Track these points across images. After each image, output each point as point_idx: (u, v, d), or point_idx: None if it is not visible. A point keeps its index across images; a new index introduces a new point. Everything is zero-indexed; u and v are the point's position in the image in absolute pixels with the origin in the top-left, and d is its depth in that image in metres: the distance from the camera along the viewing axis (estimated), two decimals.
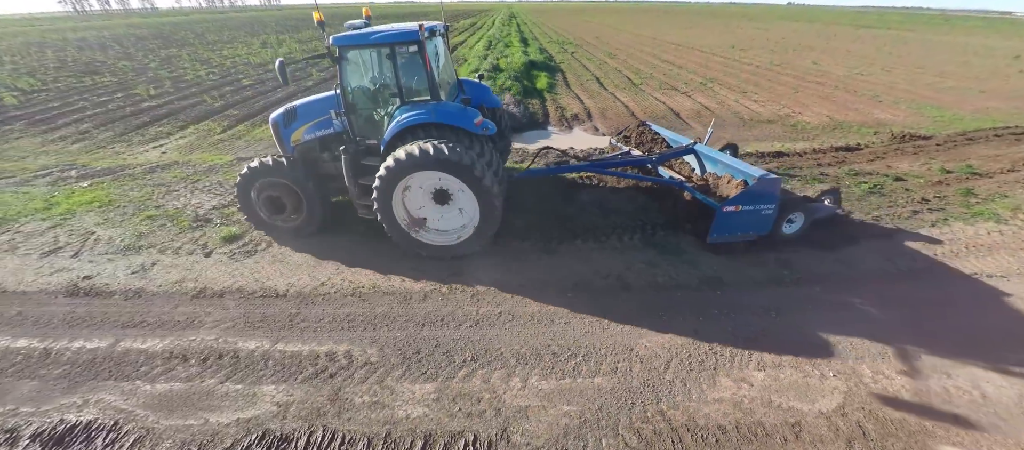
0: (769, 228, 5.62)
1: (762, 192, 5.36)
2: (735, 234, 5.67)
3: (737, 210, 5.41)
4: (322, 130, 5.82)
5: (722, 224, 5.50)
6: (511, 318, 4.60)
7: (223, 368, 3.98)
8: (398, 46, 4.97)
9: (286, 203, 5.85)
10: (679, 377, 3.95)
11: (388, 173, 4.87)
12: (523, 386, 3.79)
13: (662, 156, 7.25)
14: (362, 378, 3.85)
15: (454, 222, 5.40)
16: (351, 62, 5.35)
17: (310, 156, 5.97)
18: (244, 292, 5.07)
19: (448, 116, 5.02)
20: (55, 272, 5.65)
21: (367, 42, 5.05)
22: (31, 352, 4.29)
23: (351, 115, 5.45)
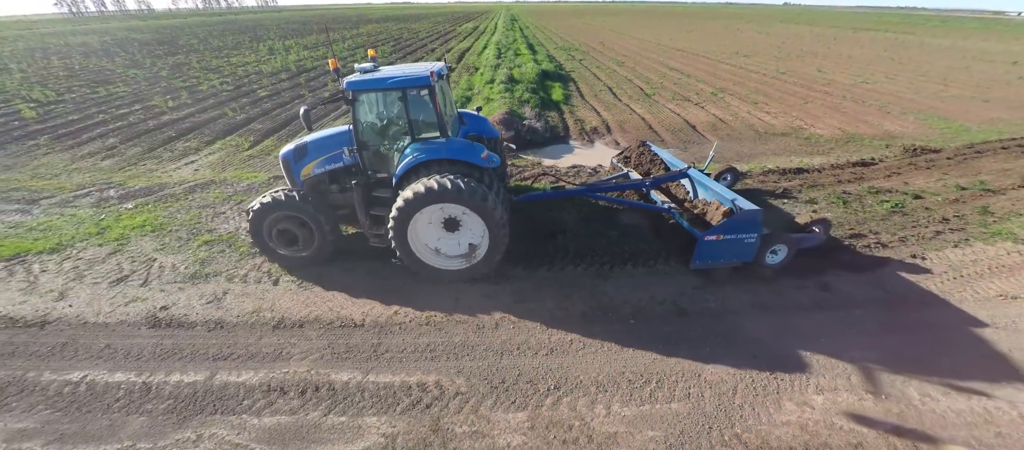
0: (752, 256, 5.81)
1: (743, 223, 5.59)
2: (718, 261, 5.89)
3: (718, 239, 5.64)
4: (332, 164, 6.20)
5: (704, 252, 5.75)
6: (582, 346, 4.91)
7: (323, 400, 4.25)
8: (409, 90, 5.45)
9: (298, 235, 6.11)
10: (747, 402, 4.28)
11: (406, 205, 5.29)
12: (607, 413, 4.11)
13: (656, 180, 7.52)
14: (457, 408, 4.15)
15: (463, 249, 5.84)
16: (363, 103, 5.86)
17: (320, 189, 6.39)
18: (322, 322, 5.34)
19: (458, 152, 5.52)
20: (130, 302, 5.88)
21: (381, 87, 5.50)
22: (131, 386, 4.53)
23: (363, 151, 5.91)
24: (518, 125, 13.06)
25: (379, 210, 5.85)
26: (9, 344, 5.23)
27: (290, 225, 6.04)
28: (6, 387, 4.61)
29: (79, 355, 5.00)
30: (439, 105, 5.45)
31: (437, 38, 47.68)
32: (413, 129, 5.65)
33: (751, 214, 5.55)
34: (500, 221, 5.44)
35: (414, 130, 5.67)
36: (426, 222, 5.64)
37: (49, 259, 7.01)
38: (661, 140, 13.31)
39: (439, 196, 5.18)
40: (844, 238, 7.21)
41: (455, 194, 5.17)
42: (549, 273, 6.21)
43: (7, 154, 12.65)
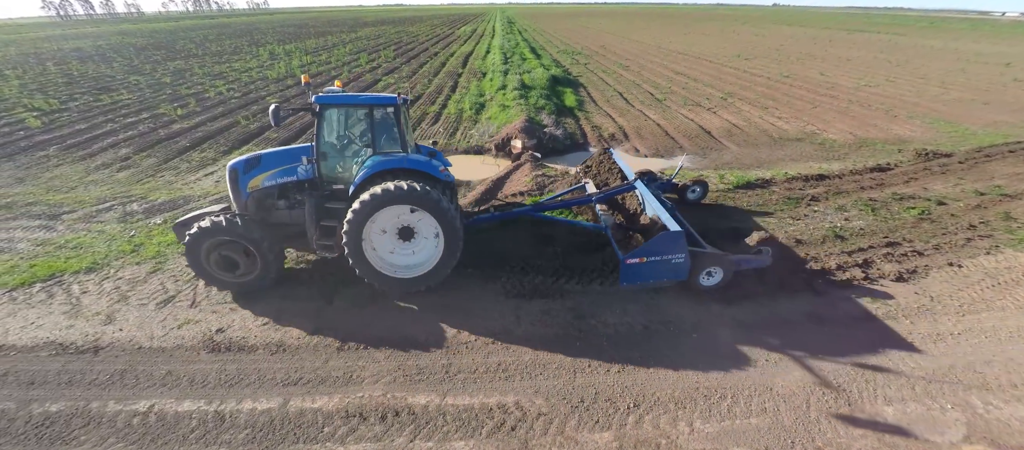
0: (686, 275, 5.71)
1: (666, 244, 5.48)
2: (648, 281, 5.78)
3: (641, 261, 5.51)
4: (284, 177, 6.27)
5: (629, 274, 5.61)
6: (651, 361, 4.96)
7: (405, 425, 4.24)
8: (376, 108, 5.84)
9: (239, 261, 5.96)
10: (822, 415, 4.36)
11: (362, 207, 5.40)
12: (691, 430, 4.16)
13: (603, 194, 7.51)
14: (542, 429, 4.17)
15: (417, 257, 5.99)
16: (328, 118, 6.09)
17: (265, 203, 6.34)
18: (387, 342, 5.30)
19: (417, 163, 5.78)
20: (182, 325, 5.80)
21: (348, 103, 5.94)
22: (203, 416, 4.45)
23: (322, 162, 6.13)
24: (539, 133, 13.12)
25: (331, 221, 5.95)
26: (64, 372, 5.12)
27: (229, 251, 5.88)
28: (70, 419, 4.51)
29: (141, 383, 4.92)
30: (403, 124, 5.84)
31: (437, 41, 47.59)
32: (376, 145, 5.96)
33: (673, 236, 5.46)
34: (456, 227, 5.63)
35: (376, 146, 5.97)
36: (380, 230, 5.80)
37: (87, 280, 6.88)
38: (680, 147, 13.47)
39: (397, 198, 5.33)
40: (880, 246, 7.38)
41: (413, 196, 5.34)
42: (602, 287, 6.26)
43: (17, 166, 12.38)
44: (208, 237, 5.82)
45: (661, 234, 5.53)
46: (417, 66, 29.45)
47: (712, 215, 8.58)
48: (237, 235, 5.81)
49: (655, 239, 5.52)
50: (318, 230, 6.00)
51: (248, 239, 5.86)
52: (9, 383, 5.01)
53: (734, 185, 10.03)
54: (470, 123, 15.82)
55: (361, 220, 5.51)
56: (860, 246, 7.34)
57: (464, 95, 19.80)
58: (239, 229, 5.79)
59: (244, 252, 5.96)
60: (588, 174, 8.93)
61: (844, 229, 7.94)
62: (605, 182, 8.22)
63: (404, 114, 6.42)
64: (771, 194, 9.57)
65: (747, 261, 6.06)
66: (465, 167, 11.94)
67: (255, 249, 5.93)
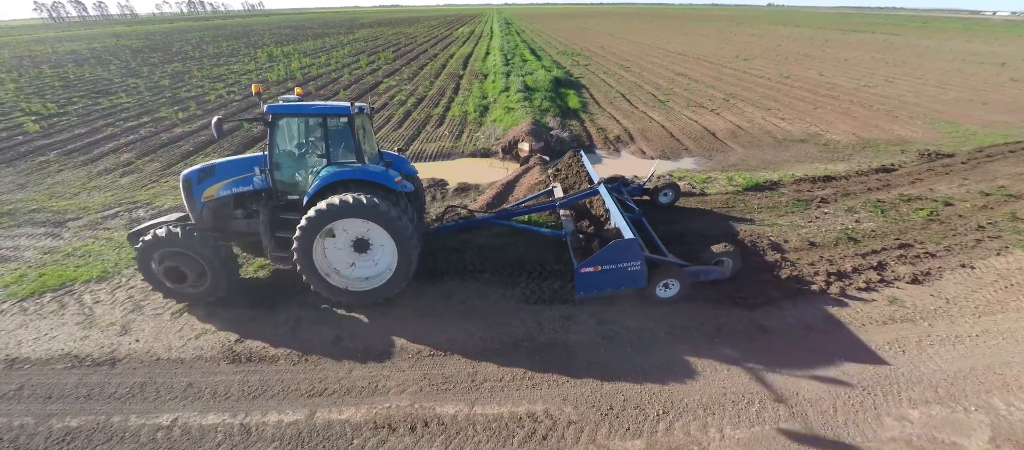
0: (645, 282, 5.55)
1: (619, 252, 5.34)
2: (605, 290, 5.59)
3: (596, 270, 5.38)
4: (239, 187, 6.20)
5: (584, 283, 5.48)
6: (677, 367, 4.97)
7: (436, 436, 4.21)
8: (330, 117, 5.72)
9: (187, 273, 5.88)
10: (850, 420, 4.39)
11: (311, 221, 5.36)
12: (722, 436, 4.17)
13: (567, 199, 7.47)
14: (574, 438, 4.16)
15: (372, 269, 5.91)
16: (282, 128, 6.02)
17: (222, 213, 6.23)
18: (409, 351, 5.28)
19: (372, 174, 5.67)
20: (200, 335, 5.73)
21: (301, 112, 5.80)
22: (229, 429, 4.40)
23: (276, 173, 6.04)
24: (545, 136, 13.12)
25: (286, 233, 5.84)
26: (82, 385, 5.04)
27: (176, 262, 5.79)
28: (92, 434, 4.44)
29: (162, 396, 4.85)
30: (358, 134, 5.72)
31: (436, 42, 47.53)
32: (330, 155, 5.85)
33: (626, 243, 5.36)
34: (409, 240, 5.58)
35: (331, 156, 5.87)
36: (335, 243, 5.71)
37: (99, 289, 6.79)
38: (684, 148, 13.52)
39: (349, 210, 5.29)
40: (892, 248, 7.43)
41: (364, 209, 5.30)
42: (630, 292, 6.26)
43: (17, 172, 12.22)
44: (156, 248, 5.76)
45: (614, 242, 5.36)
46: (417, 68, 29.38)
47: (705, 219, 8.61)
48: (182, 246, 5.70)
49: (608, 247, 5.33)
50: (273, 241, 5.92)
51: (194, 251, 5.73)
52: (26, 397, 4.93)
53: (743, 187, 10.08)
54: (475, 126, 15.79)
55: (311, 233, 5.44)
56: (873, 248, 7.40)
57: (467, 97, 19.78)
58: (182, 240, 5.67)
59: (192, 264, 5.83)
60: (557, 178, 8.82)
61: (856, 231, 8.00)
62: (573, 186, 8.10)
63: (364, 123, 6.39)
64: (781, 196, 9.63)
65: (706, 272, 5.95)
66: (473, 170, 11.93)
67: (202, 261, 5.81)
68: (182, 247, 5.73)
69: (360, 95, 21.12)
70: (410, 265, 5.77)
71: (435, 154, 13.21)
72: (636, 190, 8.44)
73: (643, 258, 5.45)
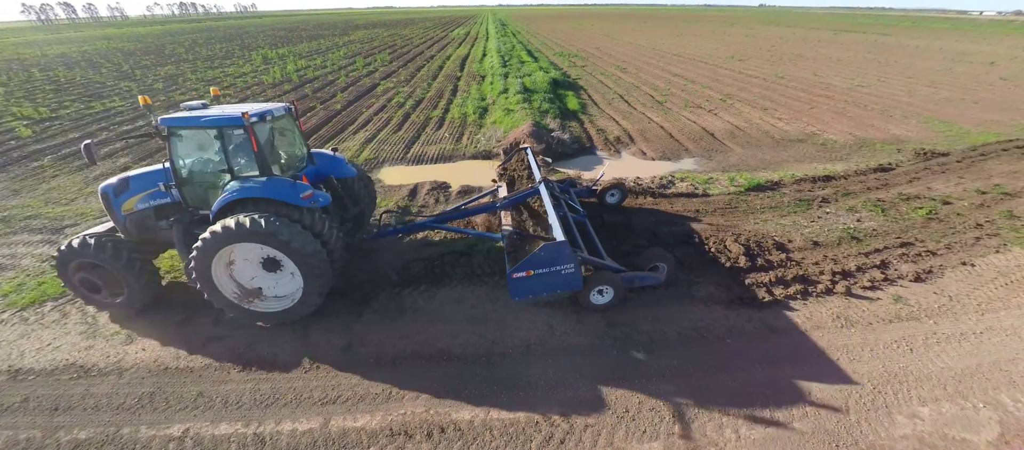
0: (581, 285, 5.38)
1: (550, 256, 5.14)
2: (541, 294, 5.39)
3: (529, 275, 5.17)
4: (156, 200, 6.02)
5: (517, 289, 5.28)
6: (689, 368, 5.00)
7: (453, 442, 4.19)
8: (225, 129, 5.35)
9: (100, 284, 5.83)
10: (863, 418, 4.44)
11: (205, 244, 5.18)
12: (737, 437, 4.20)
13: (507, 201, 7.29)
14: (591, 441, 4.16)
15: (288, 288, 5.68)
16: (183, 139, 5.68)
17: (146, 224, 6.07)
18: (421, 357, 5.26)
19: (274, 191, 5.34)
20: (207, 342, 5.66)
21: (193, 125, 5.43)
22: (242, 439, 4.35)
23: (183, 187, 5.84)
24: (546, 137, 13.14)
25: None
26: (88, 396, 4.96)
27: (89, 273, 5.76)
28: (103, 446, 4.37)
29: (172, 406, 4.79)
30: (258, 144, 5.31)
31: (431, 43, 47.45)
32: (232, 168, 5.53)
33: (556, 246, 5.12)
34: (309, 259, 5.23)
35: (234, 168, 5.54)
36: (243, 260, 5.52)
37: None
38: (685, 149, 13.60)
39: (238, 235, 5.05)
40: (894, 247, 7.53)
41: (253, 233, 5.02)
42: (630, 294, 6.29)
43: (11, 177, 12.01)
44: (72, 258, 5.69)
45: (544, 245, 5.13)
46: (414, 70, 29.31)
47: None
48: (94, 258, 5.63)
49: (539, 250, 5.12)
50: (187, 257, 5.59)
51: (106, 262, 5.65)
52: (32, 410, 4.85)
53: (745, 188, 10.17)
54: (475, 127, 15.78)
55: (207, 256, 5.25)
56: (876, 247, 7.49)
57: (466, 99, 19.76)
58: (94, 252, 5.61)
59: (105, 275, 5.76)
60: (503, 178, 8.61)
61: (858, 230, 8.10)
62: (522, 186, 7.94)
63: (284, 126, 6.23)
64: (783, 196, 9.72)
65: (641, 278, 5.87)
66: (475, 173, 11.91)
67: (115, 272, 5.72)
68: (94, 258, 5.64)
69: (358, 97, 21.03)
70: (316, 284, 5.40)
71: (436, 156, 13.18)
72: (584, 191, 8.30)
73: (576, 261, 5.25)
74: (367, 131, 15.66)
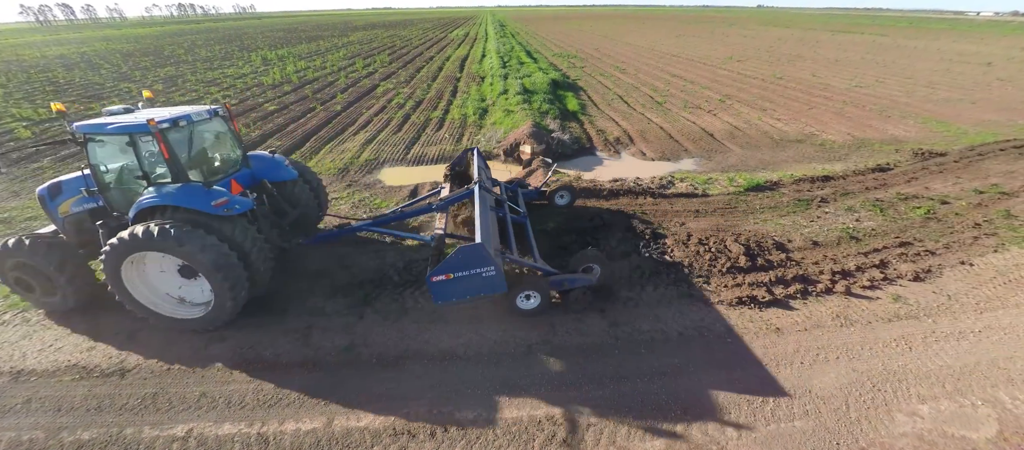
0: (504, 287, 5.28)
1: (467, 259, 5.04)
2: (465, 298, 5.31)
3: (448, 278, 5.08)
4: (88, 203, 6.04)
5: (439, 292, 5.19)
6: (689, 367, 5.03)
7: (457, 441, 4.21)
8: (136, 136, 5.29)
9: (34, 284, 5.89)
10: (863, 416, 4.47)
11: (112, 250, 5.22)
12: (739, 436, 4.22)
13: (444, 202, 7.24)
14: (594, 440, 4.19)
15: (206, 296, 5.68)
16: (101, 144, 5.65)
17: (83, 227, 6.12)
18: (424, 356, 5.28)
19: (185, 199, 5.31)
20: (209, 344, 5.64)
21: (104, 132, 5.37)
22: (246, 439, 4.35)
23: (105, 193, 5.88)
24: (547, 138, 13.17)
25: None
26: (91, 397, 4.97)
27: (21, 273, 5.83)
28: (106, 447, 4.37)
29: (175, 406, 4.80)
30: (169, 151, 5.27)
31: (431, 45, 47.49)
32: (148, 173, 5.50)
33: (472, 249, 5.04)
34: (217, 268, 5.16)
35: (149, 175, 5.51)
36: (161, 267, 5.57)
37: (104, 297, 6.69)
38: (684, 149, 13.65)
39: (140, 245, 5.11)
40: (893, 246, 7.58)
41: (154, 241, 5.03)
42: (631, 294, 6.32)
43: (10, 178, 11.99)
44: (6, 257, 5.75)
45: (460, 248, 5.07)
46: (414, 71, 29.34)
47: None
48: (27, 258, 5.70)
49: (455, 253, 5.04)
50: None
51: (38, 263, 5.71)
52: (34, 410, 4.86)
53: (744, 188, 10.21)
54: (475, 128, 15.81)
55: (114, 262, 5.27)
56: (875, 247, 7.54)
57: (466, 100, 19.80)
58: (27, 251, 5.68)
59: (37, 275, 5.82)
60: (448, 180, 8.53)
61: (857, 230, 8.14)
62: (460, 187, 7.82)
63: (213, 128, 6.27)
64: (781, 196, 9.77)
65: (572, 280, 5.83)
66: None
67: (47, 273, 5.79)
68: (27, 258, 5.70)
69: (359, 98, 21.05)
70: (230, 293, 5.33)
71: (437, 157, 13.21)
72: (533, 194, 8.17)
73: (498, 264, 5.13)
74: (367, 132, 15.68)
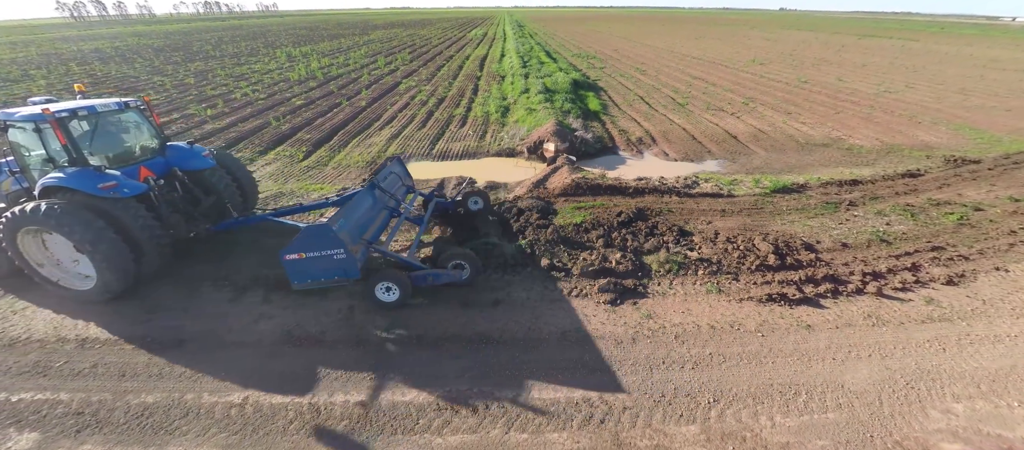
0: (357, 273, 5.50)
1: (315, 238, 5.26)
2: (319, 280, 5.56)
3: (301, 257, 5.34)
4: (23, 183, 6.63)
5: (293, 273, 5.46)
6: (722, 359, 5.14)
7: (498, 418, 4.41)
8: (38, 124, 5.95)
9: None
10: (896, 411, 4.52)
11: (6, 223, 5.89)
12: (772, 424, 4.33)
13: (340, 199, 7.58)
14: (630, 422, 4.34)
15: (91, 270, 6.16)
16: (19, 131, 6.28)
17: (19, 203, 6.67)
18: (461, 339, 5.49)
19: (74, 181, 5.86)
20: (258, 320, 5.98)
21: (13, 120, 6.10)
22: (298, 407, 4.61)
23: (26, 173, 6.51)
24: (571, 137, 13.32)
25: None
26: (152, 364, 5.32)
27: None
28: (169, 410, 4.69)
29: (230, 376, 5.09)
30: (67, 138, 5.85)
31: (450, 44, 47.99)
32: (53, 158, 6.15)
33: (319, 228, 5.28)
34: (92, 246, 5.70)
35: (54, 159, 6.15)
36: (57, 241, 6.07)
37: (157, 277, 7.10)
38: (707, 151, 13.63)
39: (26, 220, 5.74)
40: (925, 250, 7.52)
41: (38, 218, 5.65)
42: (660, 287, 6.44)
43: None
44: None
45: (305, 226, 5.38)
46: (434, 69, 29.78)
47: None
48: None
49: (301, 232, 5.32)
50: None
51: None
52: (100, 375, 5.23)
53: (770, 189, 10.19)
54: (498, 126, 16.05)
55: (10, 234, 5.93)
56: (906, 250, 7.49)
57: (487, 98, 20.06)
58: None
59: None
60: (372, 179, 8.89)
61: (887, 233, 8.09)
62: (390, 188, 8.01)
63: (129, 119, 6.89)
64: (809, 198, 9.73)
65: (437, 276, 6.04)
66: (500, 169, 12.18)
67: None
68: None
69: (382, 95, 21.52)
70: (111, 269, 5.88)
71: (461, 153, 13.48)
72: (448, 203, 8.37)
73: (346, 246, 5.35)
74: (392, 128, 16.06)
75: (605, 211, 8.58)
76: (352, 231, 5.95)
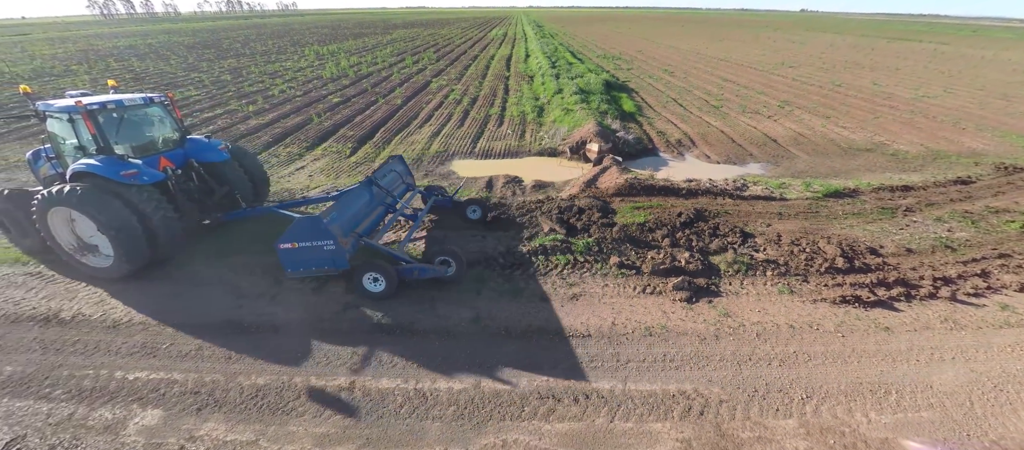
0: (345, 264, 5.89)
1: (307, 229, 5.67)
2: (310, 269, 6.03)
3: (293, 247, 5.80)
4: (59, 168, 7.21)
5: (286, 260, 5.91)
6: (807, 357, 5.27)
7: (600, 407, 4.60)
8: (72, 115, 6.52)
9: (11, 228, 7.46)
10: (988, 412, 4.61)
11: (39, 203, 6.47)
12: (868, 421, 4.46)
13: (340, 193, 7.77)
14: (729, 415, 4.51)
15: (108, 249, 6.73)
16: (56, 121, 6.89)
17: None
18: (547, 332, 5.71)
19: (99, 168, 6.40)
20: (344, 309, 6.23)
21: (51, 110, 6.75)
22: (406, 393, 4.84)
23: (61, 159, 7.11)
24: (612, 138, 13.46)
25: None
26: (255, 349, 5.59)
27: (2, 216, 7.39)
28: (281, 391, 4.94)
29: (332, 361, 5.33)
30: (96, 127, 6.43)
31: (472, 43, 48.32)
32: (84, 146, 6.69)
33: (310, 220, 5.70)
34: (115, 227, 6.24)
35: (85, 147, 6.68)
36: (83, 220, 6.53)
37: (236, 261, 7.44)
38: (749, 154, 13.64)
39: (56, 201, 6.29)
40: (992, 257, 7.51)
41: (65, 199, 6.21)
42: (732, 286, 6.58)
43: None
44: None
45: (298, 218, 5.77)
46: (462, 69, 30.09)
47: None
48: (3, 204, 7.24)
49: (294, 223, 5.74)
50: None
51: (10, 210, 7.24)
52: (207, 357, 5.54)
53: (822, 194, 10.21)
54: (535, 125, 16.25)
55: (42, 213, 6.51)
56: (973, 256, 7.49)
57: (520, 98, 20.27)
58: (3, 200, 7.22)
59: (13, 221, 7.37)
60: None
61: (951, 240, 8.08)
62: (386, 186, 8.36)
63: (149, 114, 7.47)
64: (863, 203, 9.73)
65: (423, 271, 6.29)
66: (544, 169, 12.38)
67: (18, 219, 7.28)
68: (3, 204, 7.27)
69: (416, 94, 21.88)
70: (126, 250, 6.39)
71: (503, 152, 13.71)
72: (447, 202, 8.63)
73: (336, 238, 5.70)
74: (432, 126, 16.37)
75: (664, 211, 8.73)
76: (344, 224, 6.38)
